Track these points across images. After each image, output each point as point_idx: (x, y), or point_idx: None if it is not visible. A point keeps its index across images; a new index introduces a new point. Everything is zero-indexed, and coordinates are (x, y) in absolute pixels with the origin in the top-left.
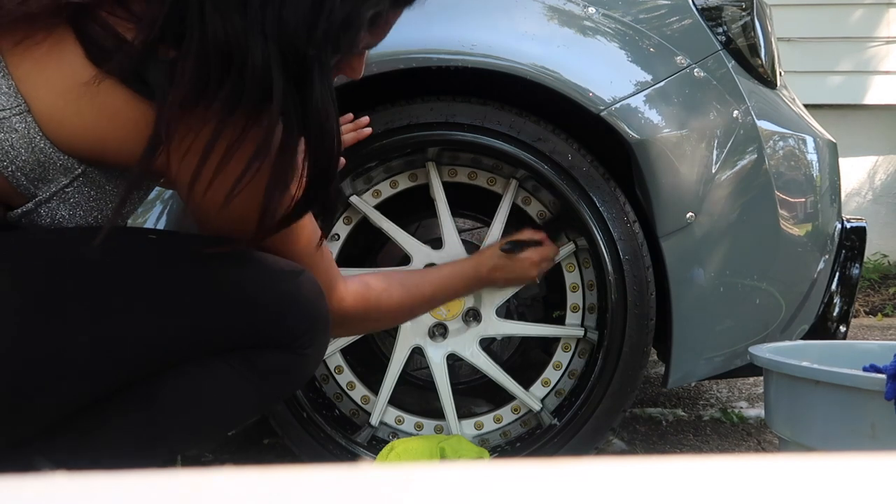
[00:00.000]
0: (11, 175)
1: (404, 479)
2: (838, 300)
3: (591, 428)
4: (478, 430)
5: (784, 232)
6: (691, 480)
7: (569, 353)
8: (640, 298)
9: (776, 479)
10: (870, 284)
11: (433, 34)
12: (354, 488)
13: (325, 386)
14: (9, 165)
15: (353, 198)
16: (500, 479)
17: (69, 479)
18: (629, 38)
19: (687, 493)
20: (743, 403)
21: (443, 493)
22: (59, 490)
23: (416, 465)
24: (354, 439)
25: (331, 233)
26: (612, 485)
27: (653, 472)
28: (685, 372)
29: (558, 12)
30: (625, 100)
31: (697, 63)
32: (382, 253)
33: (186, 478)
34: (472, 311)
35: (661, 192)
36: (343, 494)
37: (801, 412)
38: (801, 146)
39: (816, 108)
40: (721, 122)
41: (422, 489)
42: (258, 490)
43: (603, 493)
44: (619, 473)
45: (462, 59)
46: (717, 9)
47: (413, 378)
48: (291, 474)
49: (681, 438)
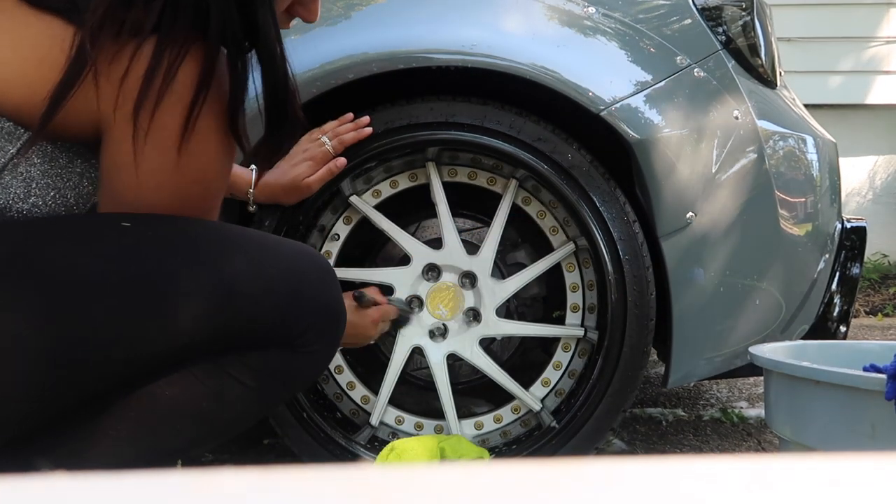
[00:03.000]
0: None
1: (404, 479)
2: (838, 300)
3: (591, 428)
4: (478, 430)
5: (784, 232)
6: (691, 480)
7: (569, 353)
8: (640, 298)
9: (776, 480)
10: (870, 284)
11: (433, 34)
12: (354, 488)
13: (326, 386)
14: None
15: (353, 198)
16: (500, 479)
17: (69, 479)
18: (629, 37)
19: (687, 493)
20: (743, 403)
21: (443, 493)
22: (59, 490)
23: (416, 465)
24: (354, 439)
25: (331, 231)
26: (612, 485)
27: (653, 472)
28: (685, 372)
29: (558, 12)
30: (625, 100)
31: (697, 63)
32: (382, 253)
33: (186, 478)
34: (472, 311)
35: (661, 191)
36: (343, 494)
37: (801, 412)
38: (801, 146)
39: (817, 108)
40: (721, 122)
41: (422, 489)
42: (258, 490)
43: (603, 493)
44: (619, 473)
45: (462, 59)
46: (717, 9)
47: (413, 378)
48: (291, 474)
49: (681, 438)
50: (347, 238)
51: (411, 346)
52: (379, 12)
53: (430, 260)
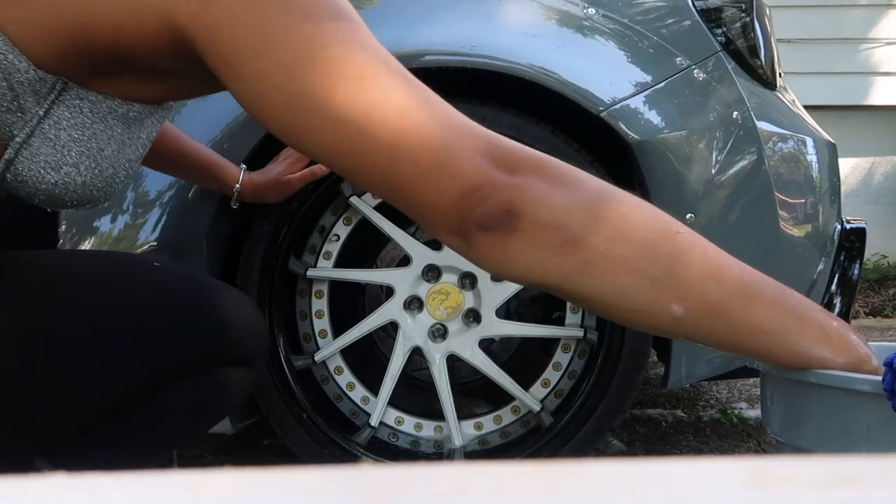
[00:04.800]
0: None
1: (404, 479)
2: (838, 301)
3: (590, 429)
4: (478, 431)
5: (783, 233)
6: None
7: (568, 353)
8: None
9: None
10: (869, 285)
11: (433, 35)
12: (354, 488)
13: (325, 387)
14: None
15: (353, 198)
16: (500, 479)
17: (69, 479)
18: (629, 38)
19: (687, 493)
20: (743, 404)
21: (442, 493)
22: (59, 490)
23: (416, 465)
24: (354, 440)
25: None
26: (611, 485)
27: (652, 472)
28: (685, 373)
29: (558, 13)
30: (625, 101)
31: (697, 64)
32: (382, 253)
33: (186, 478)
34: (471, 312)
35: (661, 192)
36: (343, 494)
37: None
38: (800, 147)
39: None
40: (721, 123)
41: (422, 489)
42: (258, 490)
43: (603, 494)
44: (618, 474)
45: (462, 60)
46: (716, 10)
47: (413, 379)
48: (291, 474)
49: (680, 439)
50: (347, 239)
51: (411, 346)
52: (378, 12)
53: (430, 261)
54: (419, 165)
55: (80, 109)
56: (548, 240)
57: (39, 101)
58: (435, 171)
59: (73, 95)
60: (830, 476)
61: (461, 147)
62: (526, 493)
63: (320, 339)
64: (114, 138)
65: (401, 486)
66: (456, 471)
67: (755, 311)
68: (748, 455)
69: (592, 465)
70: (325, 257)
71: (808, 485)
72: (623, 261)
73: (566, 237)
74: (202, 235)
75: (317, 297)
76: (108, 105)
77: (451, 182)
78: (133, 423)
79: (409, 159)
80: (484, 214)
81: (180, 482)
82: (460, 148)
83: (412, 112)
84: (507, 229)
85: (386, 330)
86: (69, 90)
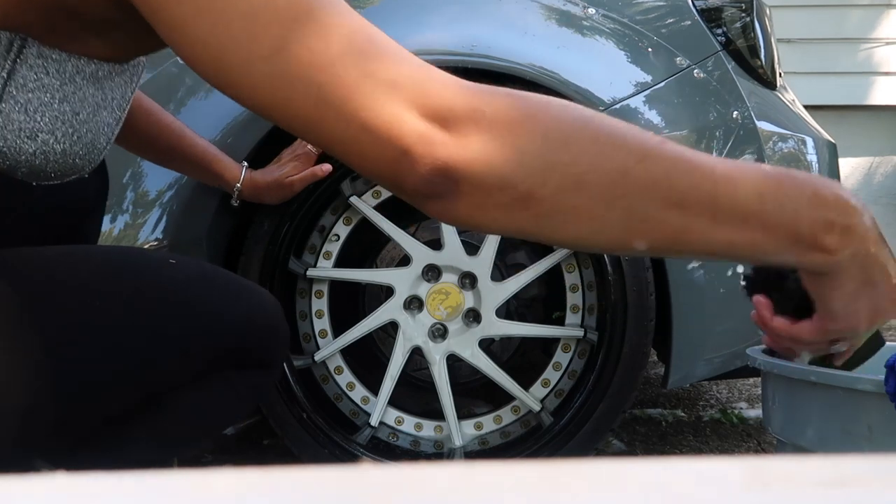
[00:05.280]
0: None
1: (404, 479)
2: None
3: (590, 428)
4: (478, 431)
5: None
6: (691, 481)
7: (568, 353)
8: (639, 299)
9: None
10: None
11: (432, 35)
12: (354, 488)
13: (325, 386)
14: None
15: (353, 198)
16: (500, 479)
17: (69, 479)
18: (629, 38)
19: (687, 493)
20: (743, 404)
21: (442, 492)
22: (59, 490)
23: (416, 465)
24: (354, 440)
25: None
26: (611, 485)
27: (652, 472)
28: (685, 373)
29: (558, 13)
30: (625, 100)
31: (697, 64)
32: (382, 253)
33: (186, 478)
34: (471, 312)
35: None
36: (343, 494)
37: (798, 413)
38: (800, 147)
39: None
40: (721, 123)
41: (422, 489)
42: (258, 490)
43: (603, 494)
44: (618, 474)
45: (461, 60)
46: (716, 10)
47: (413, 378)
48: (291, 474)
49: (680, 439)
50: (347, 238)
51: (411, 346)
52: (377, 12)
53: (430, 261)
54: (348, 128)
55: (45, 70)
56: (494, 200)
57: (1, 62)
58: (361, 135)
59: (34, 54)
60: (831, 476)
61: (386, 101)
62: (526, 493)
63: (320, 339)
64: (86, 101)
65: (401, 486)
66: (456, 471)
67: (721, 230)
68: (748, 455)
69: (592, 465)
70: (325, 257)
71: (809, 485)
72: (577, 211)
73: (513, 196)
74: (202, 235)
75: (317, 297)
76: (73, 64)
77: (378, 148)
78: (145, 424)
79: (336, 118)
80: (419, 182)
81: (180, 482)
82: (385, 102)
83: (337, 62)
84: (449, 194)
85: (386, 330)
86: (29, 47)
